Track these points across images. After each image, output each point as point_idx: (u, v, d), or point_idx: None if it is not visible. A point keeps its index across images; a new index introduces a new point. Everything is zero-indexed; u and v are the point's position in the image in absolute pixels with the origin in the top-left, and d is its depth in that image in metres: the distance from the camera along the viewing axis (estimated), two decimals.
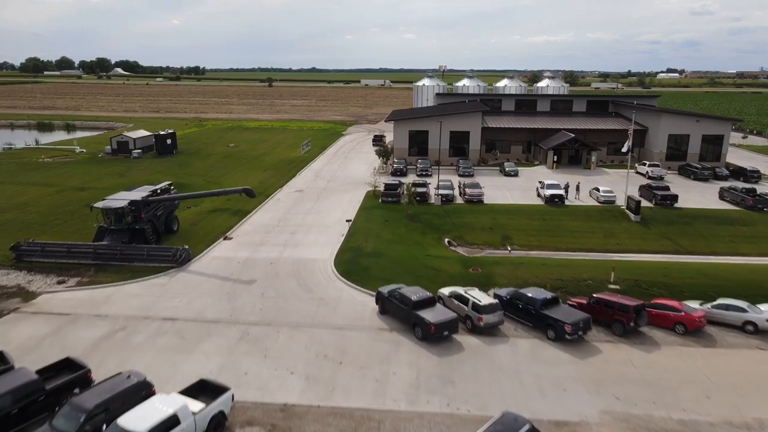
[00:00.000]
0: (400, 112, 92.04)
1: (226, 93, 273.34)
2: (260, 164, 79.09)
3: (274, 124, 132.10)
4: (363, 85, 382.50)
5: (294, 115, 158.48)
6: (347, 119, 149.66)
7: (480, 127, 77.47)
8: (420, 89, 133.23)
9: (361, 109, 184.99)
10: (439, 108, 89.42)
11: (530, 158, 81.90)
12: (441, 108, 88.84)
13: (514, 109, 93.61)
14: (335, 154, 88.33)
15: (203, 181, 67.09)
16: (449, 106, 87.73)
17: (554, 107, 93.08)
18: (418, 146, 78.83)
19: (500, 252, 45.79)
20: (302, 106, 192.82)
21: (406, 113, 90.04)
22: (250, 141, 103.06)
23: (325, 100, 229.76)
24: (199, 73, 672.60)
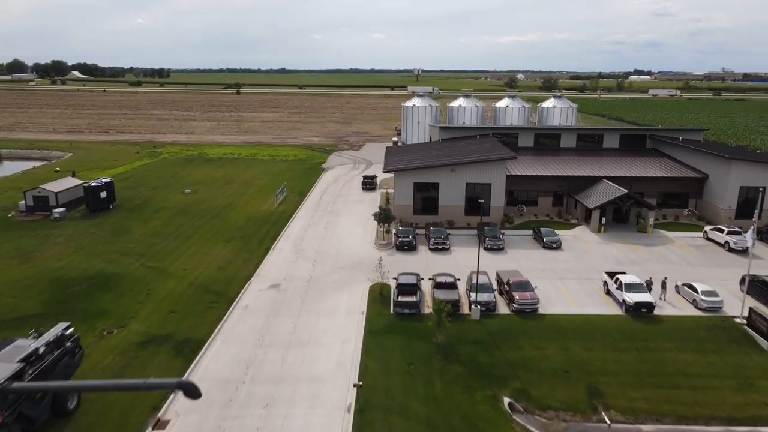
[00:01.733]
0: (396, 153, 75.15)
1: (190, 103, 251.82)
2: (222, 228, 61.01)
3: (241, 152, 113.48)
4: (410, 92, 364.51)
5: (264, 136, 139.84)
6: (325, 141, 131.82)
7: (504, 178, 61.07)
8: (410, 110, 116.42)
9: (338, 126, 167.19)
10: (445, 148, 72.67)
11: (563, 213, 65.89)
12: (449, 148, 72.11)
13: (533, 144, 77.65)
14: (317, 206, 70.75)
15: (141, 268, 48.78)
16: (461, 147, 71.02)
17: (582, 143, 77.44)
18: (424, 202, 62.06)
19: (593, 427, 29.37)
20: (273, 122, 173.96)
21: (405, 153, 73.18)
22: (211, 182, 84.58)
23: (298, 112, 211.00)
24: (164, 76, 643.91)
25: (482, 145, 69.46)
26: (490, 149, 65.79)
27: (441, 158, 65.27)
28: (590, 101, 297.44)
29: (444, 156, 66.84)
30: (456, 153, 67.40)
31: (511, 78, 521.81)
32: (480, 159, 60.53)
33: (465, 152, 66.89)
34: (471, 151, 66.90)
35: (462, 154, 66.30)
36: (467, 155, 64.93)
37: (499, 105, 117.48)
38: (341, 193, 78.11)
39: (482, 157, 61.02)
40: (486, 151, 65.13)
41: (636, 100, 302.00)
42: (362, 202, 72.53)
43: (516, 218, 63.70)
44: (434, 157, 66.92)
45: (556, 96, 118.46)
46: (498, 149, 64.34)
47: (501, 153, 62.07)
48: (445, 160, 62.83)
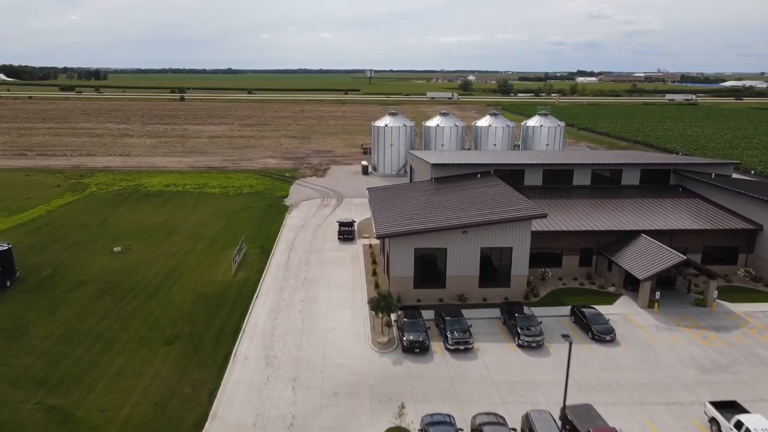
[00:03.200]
0: (383, 200, 60.37)
1: (128, 112, 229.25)
2: (162, 316, 45.45)
3: (187, 182, 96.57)
4: (429, 98, 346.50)
5: (213, 158, 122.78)
6: (283, 164, 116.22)
7: (529, 240, 48.24)
8: (382, 132, 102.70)
9: (296, 142, 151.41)
10: (443, 193, 59.20)
11: (593, 275, 53.73)
12: (447, 194, 58.68)
13: (542, 183, 65.35)
14: (287, 271, 55.85)
15: (36, 413, 32.92)
16: (464, 193, 57.67)
17: (597, 179, 65.73)
18: (428, 272, 48.51)
19: None
20: (222, 138, 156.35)
21: (394, 201, 59.02)
22: (150, 232, 68.12)
23: (249, 124, 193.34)
24: (100, 78, 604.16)
25: (490, 190, 56.47)
26: (503, 198, 52.83)
27: (442, 211, 51.87)
28: (548, 106, 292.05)
29: (444, 206, 53.48)
30: (459, 202, 54.14)
31: (465, 81, 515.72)
32: (500, 218, 47.41)
33: (471, 201, 53.70)
34: (478, 200, 53.78)
35: (468, 204, 53.10)
36: (476, 207, 51.79)
37: (480, 124, 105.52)
38: (313, 246, 63.41)
39: (503, 215, 47.91)
40: (498, 201, 52.15)
41: (595, 106, 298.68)
42: (342, 262, 58.21)
43: (539, 286, 51.01)
44: (433, 207, 53.42)
45: (542, 114, 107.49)
46: (517, 201, 51.38)
47: (524, 208, 49.12)
48: (452, 217, 49.41)
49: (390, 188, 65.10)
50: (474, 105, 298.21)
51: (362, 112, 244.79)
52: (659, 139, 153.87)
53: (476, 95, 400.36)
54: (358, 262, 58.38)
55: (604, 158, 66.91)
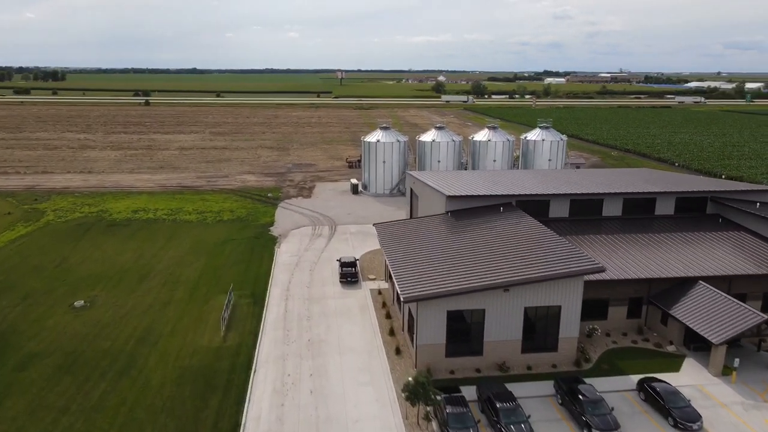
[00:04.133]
0: (396, 241, 51.15)
1: (88, 119, 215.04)
2: (137, 406, 36.11)
3: (158, 206, 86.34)
4: (444, 101, 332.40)
5: (186, 175, 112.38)
6: (264, 181, 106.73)
7: (581, 297, 40.80)
8: (373, 148, 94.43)
9: (274, 154, 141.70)
10: (468, 232, 51.31)
11: (644, 329, 46.69)
12: (472, 233, 50.83)
13: (569, 214, 58.23)
14: (286, 331, 47.11)
15: None
16: (492, 233, 49.87)
17: (629, 209, 58.92)
18: (462, 338, 40.59)
19: None
20: (194, 150, 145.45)
21: (409, 242, 50.49)
22: (118, 277, 58.31)
23: (221, 132, 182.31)
24: (58, 79, 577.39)
25: (521, 228, 48.87)
26: (542, 241, 45.28)
27: (471, 257, 44.06)
28: (525, 109, 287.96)
29: (473, 250, 45.67)
30: (489, 245, 46.40)
31: (439, 82, 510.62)
32: (550, 274, 39.76)
33: (503, 244, 46.04)
34: (511, 242, 46.15)
35: (500, 247, 45.42)
36: (512, 251, 44.19)
37: (478, 139, 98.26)
38: (313, 293, 54.75)
39: (552, 270, 40.28)
40: (536, 245, 44.60)
41: (571, 109, 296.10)
42: (350, 315, 49.80)
43: (587, 346, 43.65)
44: (460, 253, 45.54)
45: (543, 127, 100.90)
46: (561, 247, 43.78)
47: (576, 259, 41.56)
48: (487, 267, 41.60)
49: (400, 225, 56.76)
50: (451, 109, 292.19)
51: (339, 117, 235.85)
52: (650, 147, 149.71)
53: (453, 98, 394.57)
54: (369, 314, 50.08)
55: (637, 185, 60.15)
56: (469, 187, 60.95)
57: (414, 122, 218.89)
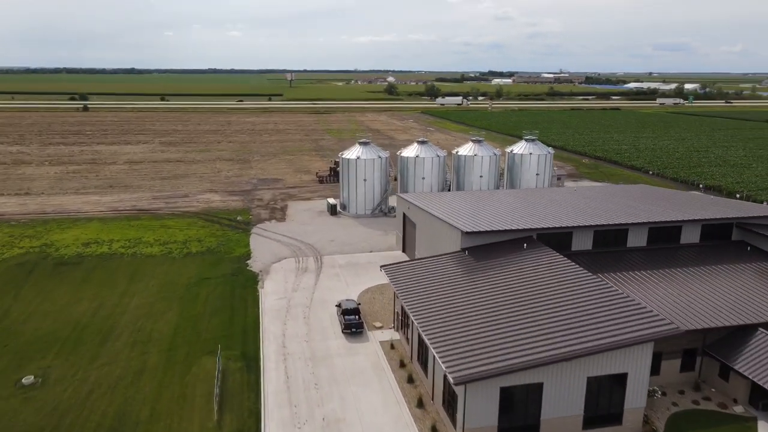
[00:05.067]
0: (420, 294, 43.49)
1: (20, 128, 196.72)
2: None
3: (113, 237, 75.71)
4: (439, 104, 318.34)
5: (140, 195, 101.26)
6: (230, 201, 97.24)
7: (650, 362, 35.13)
8: (353, 165, 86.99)
9: (235, 167, 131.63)
10: (498, 279, 44.93)
11: (700, 384, 41.65)
12: (503, 279, 44.50)
13: (592, 246, 52.99)
14: (297, 417, 39.05)
15: None
16: (525, 281, 43.63)
17: (653, 238, 54.27)
18: (516, 416, 34.14)
19: None
20: (145, 164, 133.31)
21: (430, 291, 43.17)
22: (74, 335, 48.41)
23: (173, 142, 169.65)
24: None
25: (562, 275, 42.95)
26: (594, 293, 39.45)
27: (515, 315, 37.77)
28: (481, 113, 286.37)
29: (512, 302, 39.40)
30: (527, 293, 40.24)
31: (390, 84, 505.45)
32: (617, 341, 33.82)
33: (543, 294, 39.96)
34: (552, 291, 40.15)
35: (540, 298, 39.33)
36: (554, 305, 38.16)
37: (464, 153, 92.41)
38: (315, 349, 46.98)
39: (619, 335, 34.35)
40: (587, 296, 38.76)
41: (526, 112, 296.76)
42: (365, 380, 42.43)
43: (651, 415, 38.06)
44: (497, 305, 39.13)
45: (529, 140, 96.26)
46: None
47: (641, 318, 35.76)
48: (543, 336, 35.34)
49: (412, 267, 49.59)
50: (408, 113, 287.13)
51: (296, 123, 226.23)
52: (619, 154, 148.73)
53: (407, 101, 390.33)
54: (386, 377, 42.90)
55: (660, 212, 55.60)
56: (483, 217, 54.75)
57: (375, 128, 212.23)
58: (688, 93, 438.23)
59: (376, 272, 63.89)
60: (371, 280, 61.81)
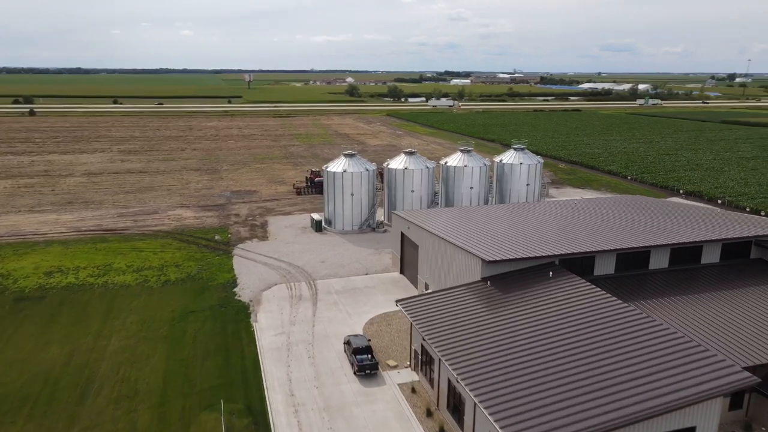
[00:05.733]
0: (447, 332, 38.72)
1: None
2: None
3: (79, 263, 68.27)
4: (431, 106, 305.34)
5: (104, 213, 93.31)
6: (205, 218, 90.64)
7: (719, 416, 32.02)
8: (339, 179, 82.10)
9: (205, 178, 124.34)
10: (522, 305, 41.22)
11: (751, 424, 39.00)
12: (528, 308, 40.84)
13: (615, 270, 50.07)
14: None
15: None
16: (559, 316, 40.01)
17: (674, 259, 51.84)
18: None
19: None
20: (105, 175, 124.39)
21: (461, 331, 38.99)
22: (45, 392, 41.85)
23: (133, 150, 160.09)
24: None
25: (596, 306, 39.62)
26: (649, 337, 36.15)
27: (564, 362, 34.12)
28: (447, 115, 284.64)
29: (558, 345, 35.75)
30: (571, 335, 36.69)
31: (351, 85, 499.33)
32: (687, 397, 30.50)
33: (588, 336, 36.47)
34: (591, 335, 36.74)
35: (587, 340, 35.83)
36: (605, 348, 34.73)
37: (453, 164, 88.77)
38: (327, 398, 42.10)
39: (688, 390, 31.03)
40: (641, 340, 35.46)
41: (491, 114, 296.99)
42: (388, 430, 37.99)
43: None
44: (541, 349, 35.37)
45: (518, 149, 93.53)
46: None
47: (710, 366, 32.57)
48: (607, 402, 31.72)
49: (432, 301, 45.19)
50: (373, 115, 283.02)
51: (261, 128, 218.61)
52: (593, 158, 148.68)
53: (370, 102, 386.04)
54: (413, 428, 38.53)
55: (683, 234, 53.20)
56: (499, 241, 51.04)
57: (344, 132, 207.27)
58: (645, 94, 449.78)
59: (377, 298, 59.60)
60: (373, 308, 57.32)
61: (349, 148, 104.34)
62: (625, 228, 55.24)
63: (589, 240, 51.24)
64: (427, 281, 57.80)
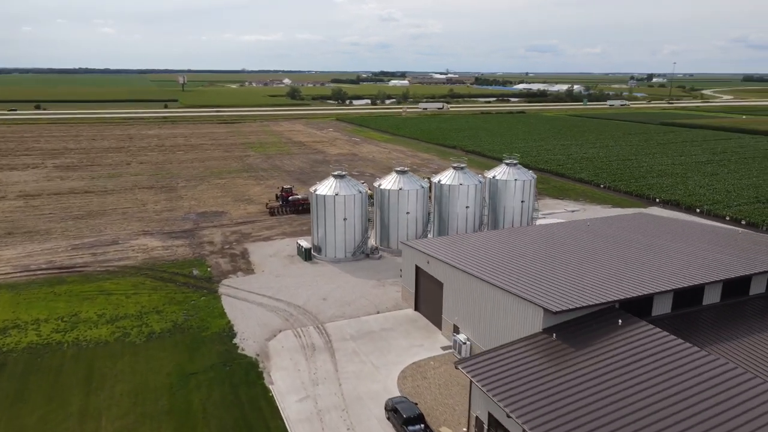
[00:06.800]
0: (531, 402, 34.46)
1: None
2: None
3: (39, 318, 57.63)
4: (421, 108, 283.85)
5: (52, 244, 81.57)
6: (175, 248, 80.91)
7: None
8: (330, 202, 75.14)
9: (162, 198, 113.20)
10: (603, 367, 36.49)
11: None
12: (613, 371, 36.16)
13: (671, 309, 46.55)
14: None
15: None
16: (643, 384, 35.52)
17: (726, 293, 48.95)
18: None
19: None
20: (44, 198, 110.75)
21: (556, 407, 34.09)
22: None
23: (71, 166, 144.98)
24: None
25: (686, 363, 35.46)
26: None
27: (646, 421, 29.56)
28: (396, 119, 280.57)
29: (643, 409, 31.19)
30: (651, 395, 32.24)
31: (293, 88, 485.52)
32: None
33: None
34: (677, 387, 32.53)
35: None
36: None
37: (446, 182, 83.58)
38: None
39: None
40: None
41: (439, 117, 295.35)
42: None
43: None
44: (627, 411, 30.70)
45: (510, 164, 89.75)
46: None
47: None
48: None
49: (495, 361, 39.41)
50: (322, 120, 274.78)
51: (209, 137, 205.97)
52: (560, 165, 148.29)
53: (315, 106, 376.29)
54: None
55: (733, 266, 50.38)
56: (550, 282, 46.25)
57: (298, 140, 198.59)
58: (584, 96, 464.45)
59: (399, 344, 53.65)
60: (399, 357, 51.23)
61: (309, 159, 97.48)
62: (676, 261, 51.87)
63: (644, 277, 47.43)
64: (457, 323, 52.37)
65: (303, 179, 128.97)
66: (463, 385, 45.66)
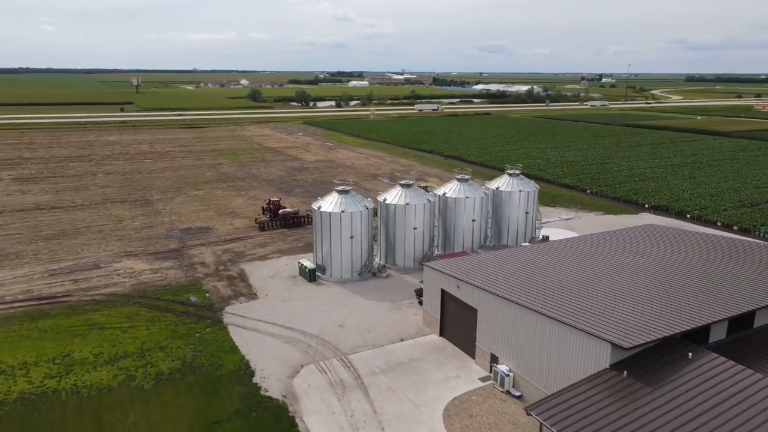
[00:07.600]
0: None
1: None
2: None
3: (27, 362, 51.05)
4: (417, 110, 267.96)
5: (26, 269, 73.93)
6: (165, 270, 74.77)
7: None
8: (335, 220, 70.97)
9: (139, 214, 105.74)
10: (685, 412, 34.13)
11: None
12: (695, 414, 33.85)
13: (726, 335, 44.89)
14: None
15: None
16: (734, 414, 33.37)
17: None
18: None
19: None
20: (7, 215, 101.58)
21: None
22: None
23: (32, 178, 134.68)
24: None
25: None
26: None
27: None
28: (364, 122, 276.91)
29: None
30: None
31: (254, 89, 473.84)
32: None
33: None
34: None
35: None
36: None
37: (451, 195, 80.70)
38: None
39: None
40: None
41: (406, 119, 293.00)
42: None
43: None
44: None
45: (513, 174, 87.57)
46: None
47: None
48: None
49: (570, 403, 36.55)
50: (290, 123, 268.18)
51: (175, 143, 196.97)
52: (542, 170, 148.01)
53: (278, 108, 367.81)
54: None
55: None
56: (610, 314, 43.70)
57: (270, 146, 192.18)
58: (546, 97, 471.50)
59: (434, 376, 50.32)
60: (438, 392, 47.76)
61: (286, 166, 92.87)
62: (726, 285, 50.25)
63: (701, 304, 45.54)
64: (495, 353, 49.34)
65: (285, 189, 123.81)
66: (515, 424, 42.71)
